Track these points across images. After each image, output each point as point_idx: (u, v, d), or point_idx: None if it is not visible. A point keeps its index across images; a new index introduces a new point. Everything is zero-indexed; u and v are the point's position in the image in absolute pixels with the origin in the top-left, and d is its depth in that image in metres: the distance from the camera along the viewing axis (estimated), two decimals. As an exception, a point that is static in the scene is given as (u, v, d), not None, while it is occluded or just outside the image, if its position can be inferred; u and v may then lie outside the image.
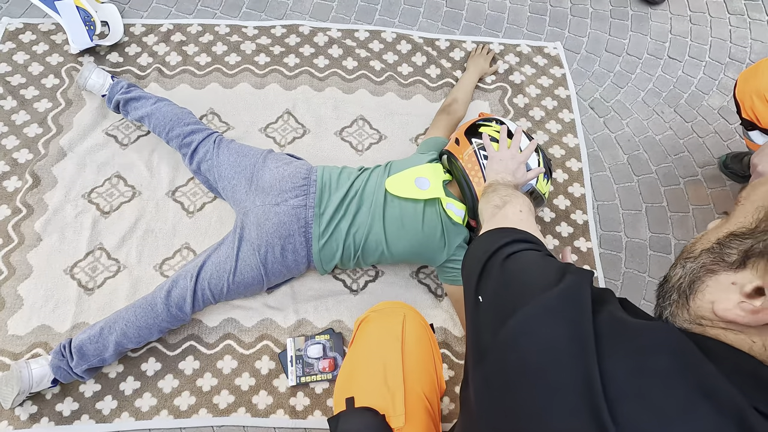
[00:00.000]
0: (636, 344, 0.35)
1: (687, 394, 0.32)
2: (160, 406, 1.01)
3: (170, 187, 1.21)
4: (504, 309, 0.43)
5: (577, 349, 0.35)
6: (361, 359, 0.80)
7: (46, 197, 1.16)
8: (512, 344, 0.39)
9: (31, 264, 1.10)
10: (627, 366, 0.34)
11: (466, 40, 1.49)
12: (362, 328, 0.86)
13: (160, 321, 0.97)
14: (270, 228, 1.00)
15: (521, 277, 0.46)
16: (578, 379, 0.33)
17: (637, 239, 1.29)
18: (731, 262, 0.36)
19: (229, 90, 1.34)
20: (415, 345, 0.80)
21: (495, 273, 0.49)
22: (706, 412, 0.31)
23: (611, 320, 0.37)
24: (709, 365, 0.33)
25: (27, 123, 1.24)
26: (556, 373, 0.35)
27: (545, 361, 0.36)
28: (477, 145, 1.00)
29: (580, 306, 0.38)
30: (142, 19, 1.41)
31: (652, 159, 1.39)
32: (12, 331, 1.04)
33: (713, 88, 1.50)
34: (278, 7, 1.49)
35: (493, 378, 0.40)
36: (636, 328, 0.36)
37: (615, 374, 0.33)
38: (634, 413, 0.32)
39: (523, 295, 0.43)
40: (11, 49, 1.32)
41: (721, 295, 0.36)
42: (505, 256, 0.50)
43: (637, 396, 0.32)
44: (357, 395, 0.74)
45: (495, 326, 0.42)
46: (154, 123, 1.15)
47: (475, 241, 0.60)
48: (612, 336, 0.35)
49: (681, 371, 0.33)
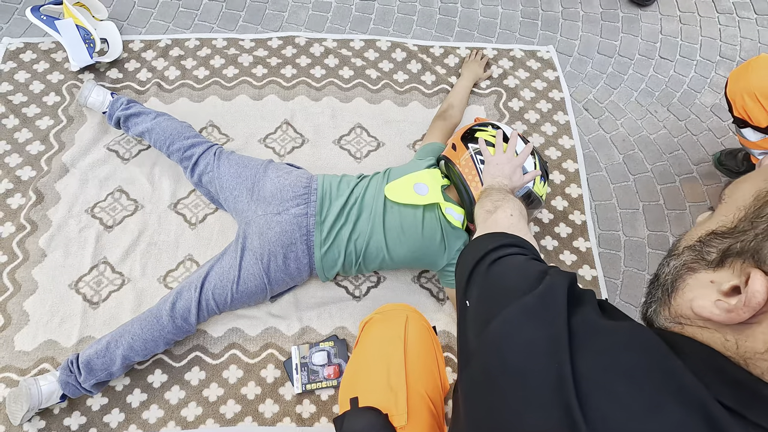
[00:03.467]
0: (607, 343, 0.36)
1: (654, 390, 0.33)
2: (167, 418, 1.02)
3: (172, 199, 1.22)
4: (486, 312, 0.44)
5: (551, 349, 0.36)
6: (364, 360, 0.82)
7: (50, 213, 1.18)
8: (493, 346, 0.40)
9: (36, 280, 1.11)
10: (598, 364, 0.35)
11: (460, 46, 1.51)
12: (366, 330, 0.88)
13: (165, 333, 0.98)
14: (272, 237, 1.01)
15: (503, 281, 0.48)
16: (552, 377, 0.34)
17: (635, 238, 1.30)
18: (710, 260, 0.37)
19: (227, 102, 1.36)
20: (418, 346, 0.81)
21: (480, 278, 0.50)
22: (672, 406, 0.32)
23: (584, 322, 0.38)
24: (677, 361, 0.34)
25: (29, 140, 1.26)
26: (532, 373, 0.36)
27: (523, 361, 0.37)
28: (473, 149, 1.02)
29: (556, 308, 0.39)
30: (141, 35, 1.43)
31: (648, 158, 1.40)
32: (19, 347, 1.05)
33: (705, 86, 1.52)
34: (274, 20, 1.51)
35: (477, 379, 0.41)
36: (608, 329, 0.37)
37: (586, 372, 0.34)
38: (603, 409, 0.32)
39: (504, 298, 0.44)
40: (12, 68, 1.34)
41: (699, 292, 0.37)
42: (491, 261, 0.51)
43: (607, 393, 0.33)
44: (361, 395, 0.76)
45: (478, 329, 0.43)
46: (154, 138, 1.16)
47: (467, 246, 0.62)
48: (585, 336, 0.36)
49: (648, 368, 0.34)
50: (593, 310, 0.40)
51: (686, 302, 0.38)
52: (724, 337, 0.35)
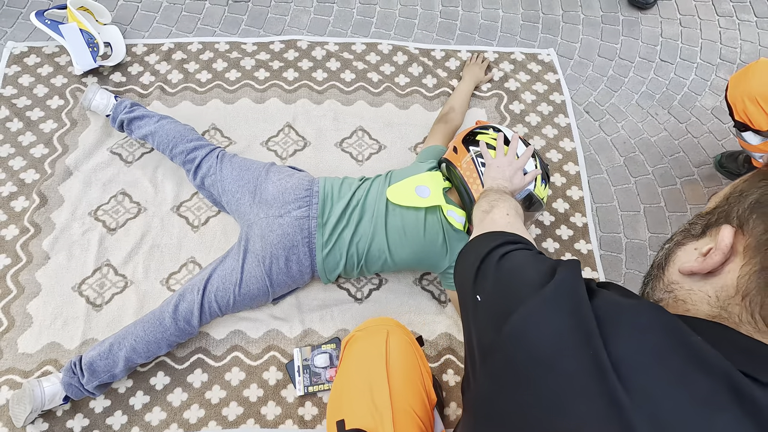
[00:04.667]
0: (633, 325, 0.39)
1: (682, 365, 0.36)
2: (169, 420, 1.02)
3: (175, 202, 1.23)
4: (504, 306, 0.44)
5: (582, 336, 0.38)
6: (347, 381, 0.80)
7: (54, 216, 1.18)
8: (517, 339, 0.41)
9: (39, 282, 1.12)
10: (630, 346, 0.37)
11: (461, 49, 1.52)
12: (348, 349, 0.86)
13: (168, 335, 0.99)
14: (274, 239, 1.02)
15: (518, 274, 0.49)
16: (589, 365, 0.36)
17: (636, 240, 1.30)
18: (695, 234, 0.44)
19: (230, 105, 1.37)
20: (400, 361, 0.80)
21: (491, 272, 0.51)
22: (701, 378, 0.35)
23: (606, 304, 0.41)
24: (696, 337, 0.37)
25: (33, 144, 1.26)
26: (565, 361, 0.37)
27: (553, 350, 0.38)
28: (474, 152, 1.02)
29: (577, 295, 0.41)
30: (144, 39, 1.44)
31: (648, 160, 1.41)
32: (22, 350, 1.05)
33: (705, 88, 1.52)
34: (276, 23, 1.52)
35: (500, 374, 0.42)
36: (630, 309, 0.40)
37: (622, 356, 0.36)
38: (646, 388, 0.35)
39: (521, 291, 0.45)
40: (17, 72, 1.35)
41: (685, 258, 0.44)
42: (500, 256, 0.52)
43: (644, 372, 0.36)
44: (347, 417, 0.74)
45: (497, 324, 0.43)
46: (157, 141, 1.17)
47: (466, 246, 0.62)
48: (611, 319, 0.39)
49: (673, 346, 0.37)
50: (608, 292, 0.43)
51: (675, 269, 0.45)
52: (707, 295, 0.41)
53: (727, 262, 0.40)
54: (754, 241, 0.38)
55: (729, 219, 0.41)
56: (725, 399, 0.34)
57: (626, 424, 0.33)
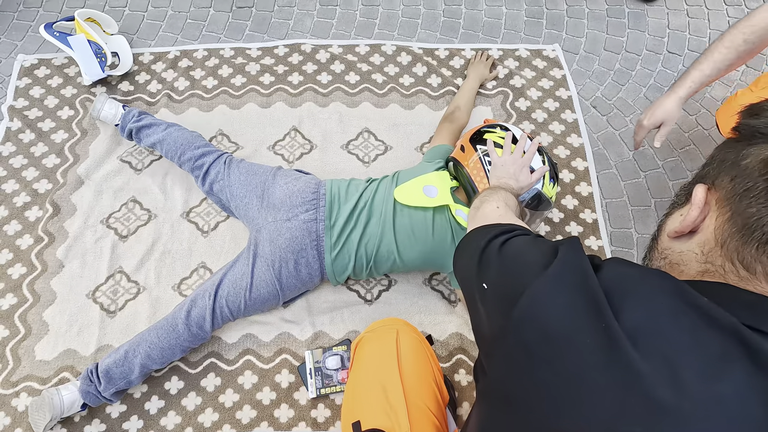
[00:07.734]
0: (641, 293, 0.40)
1: (693, 326, 0.37)
2: (184, 424, 1.03)
3: (184, 208, 1.24)
4: (511, 290, 0.45)
5: (592, 310, 0.38)
6: (361, 382, 0.81)
7: (66, 225, 1.20)
8: (528, 320, 0.41)
9: (54, 290, 1.14)
10: (641, 314, 0.38)
11: (465, 47, 1.51)
12: (358, 351, 0.86)
13: (182, 341, 1.00)
14: (283, 243, 1.02)
15: (520, 258, 0.50)
16: (603, 338, 0.37)
17: (647, 235, 1.28)
18: (680, 203, 0.48)
19: (236, 111, 1.38)
20: (412, 359, 0.80)
21: (494, 260, 0.52)
22: (712, 335, 0.37)
23: (612, 276, 0.42)
24: (702, 298, 0.38)
25: (45, 154, 1.29)
26: (579, 336, 0.38)
27: (565, 327, 0.39)
28: (481, 151, 1.02)
29: (582, 271, 0.42)
30: (150, 48, 1.46)
31: (658, 154, 1.39)
32: (39, 357, 1.07)
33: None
34: (280, 28, 1.53)
35: (515, 356, 0.42)
36: (636, 278, 0.42)
37: (635, 323, 0.37)
38: (662, 352, 0.36)
39: (526, 274, 0.45)
40: (27, 84, 1.38)
41: (672, 224, 0.47)
42: (500, 244, 0.53)
43: (658, 336, 0.37)
44: (362, 418, 0.75)
45: (505, 307, 0.44)
46: (166, 148, 1.18)
47: (462, 241, 0.62)
48: (619, 290, 0.40)
49: (683, 307, 0.38)
50: (612, 264, 0.44)
51: (665, 236, 0.48)
52: (694, 252, 0.44)
53: (705, 219, 0.43)
54: (724, 193, 0.41)
55: (703, 180, 0.45)
56: (737, 354, 0.35)
57: (647, 390, 0.34)
